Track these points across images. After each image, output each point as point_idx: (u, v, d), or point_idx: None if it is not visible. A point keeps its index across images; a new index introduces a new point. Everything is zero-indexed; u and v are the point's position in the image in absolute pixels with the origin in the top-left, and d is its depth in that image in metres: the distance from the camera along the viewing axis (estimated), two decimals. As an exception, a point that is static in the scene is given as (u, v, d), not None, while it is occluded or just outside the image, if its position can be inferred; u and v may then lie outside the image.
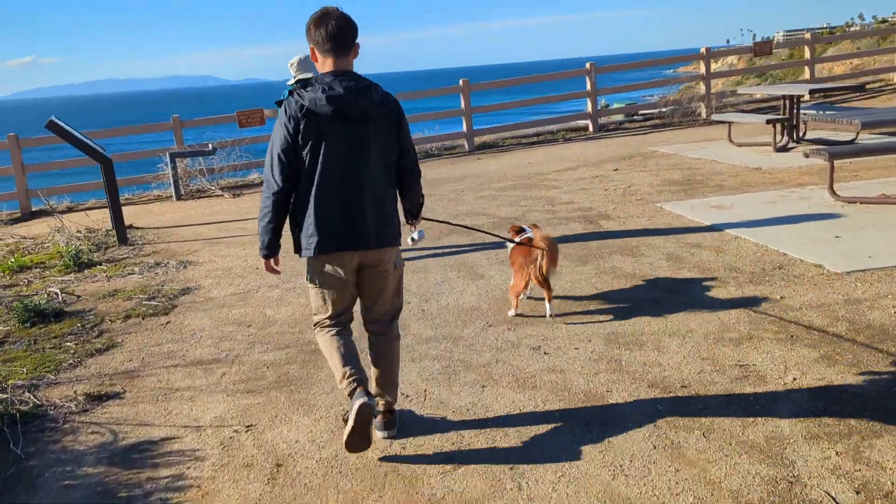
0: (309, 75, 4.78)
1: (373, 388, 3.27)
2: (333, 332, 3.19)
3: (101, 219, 9.41)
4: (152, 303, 5.81)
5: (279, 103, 3.14)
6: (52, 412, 3.93)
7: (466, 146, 14.54)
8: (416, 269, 6.11)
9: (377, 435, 3.33)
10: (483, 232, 5.29)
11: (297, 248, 3.09)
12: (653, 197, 8.15)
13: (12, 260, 7.56)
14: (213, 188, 12.56)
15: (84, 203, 12.59)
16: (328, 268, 3.06)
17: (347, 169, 2.98)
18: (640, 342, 4.25)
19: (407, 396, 3.79)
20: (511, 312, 4.84)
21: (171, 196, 12.44)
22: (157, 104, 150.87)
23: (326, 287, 3.12)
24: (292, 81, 4.89)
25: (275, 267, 3.20)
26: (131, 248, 8.05)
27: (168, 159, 12.31)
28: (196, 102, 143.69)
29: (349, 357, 3.14)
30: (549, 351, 4.24)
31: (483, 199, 9.05)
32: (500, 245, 6.02)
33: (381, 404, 3.31)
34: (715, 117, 12.24)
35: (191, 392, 4.08)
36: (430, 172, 12.07)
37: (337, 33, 2.93)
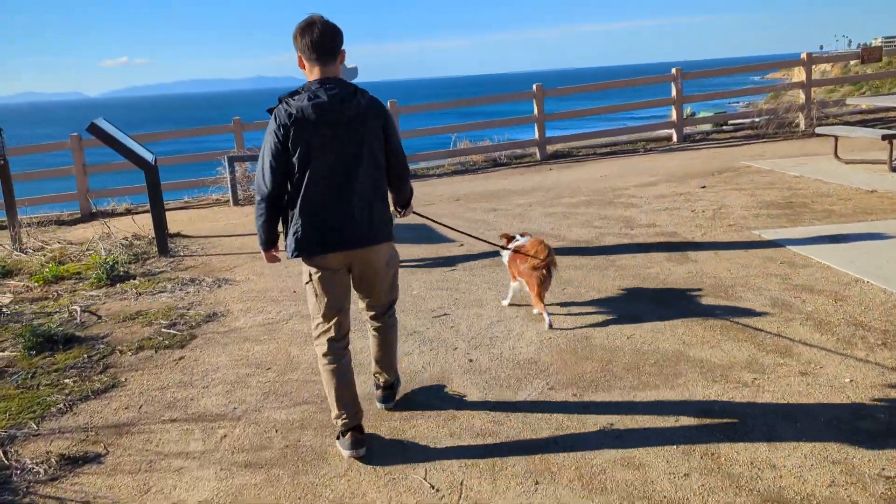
0: (351, 79, 4.79)
1: (373, 366, 3.66)
2: (333, 366, 3.22)
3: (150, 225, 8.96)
4: (171, 331, 5.18)
5: (270, 111, 3.09)
6: (15, 478, 3.29)
7: (538, 155, 13.64)
8: (470, 303, 5.30)
9: (377, 406, 3.69)
10: (473, 237, 5.38)
11: (288, 249, 3.15)
12: (748, 222, 7.07)
13: (48, 269, 7.14)
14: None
15: (143, 206, 12.30)
16: (319, 268, 3.15)
17: (335, 173, 3.05)
18: (744, 428, 3.29)
19: (437, 491, 2.97)
20: (535, 310, 4.87)
21: (228, 200, 12.02)
22: (239, 104, 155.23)
23: (319, 287, 3.18)
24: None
25: (275, 255, 3.30)
26: (171, 259, 7.52)
27: (226, 163, 11.89)
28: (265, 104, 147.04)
29: (345, 397, 3.24)
30: (624, 434, 3.33)
31: (552, 217, 8.15)
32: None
33: (381, 380, 3.64)
34: (819, 130, 10.91)
35: (180, 461, 3.37)
36: (495, 183, 11.23)
37: (321, 42, 3.01)
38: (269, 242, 3.22)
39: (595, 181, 10.51)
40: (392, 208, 3.43)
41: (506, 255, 5.11)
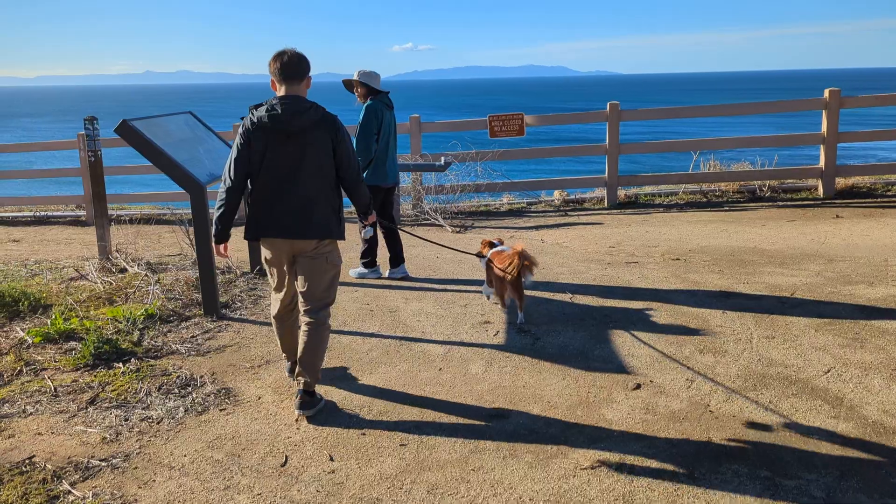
0: (374, 85, 5.87)
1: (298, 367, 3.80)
2: (276, 308, 3.93)
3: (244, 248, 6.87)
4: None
5: (242, 118, 3.72)
6: None
7: (820, 190, 9.45)
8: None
9: (294, 412, 3.75)
10: (453, 249, 6.10)
11: (246, 231, 3.76)
12: None
13: (51, 322, 5.21)
14: (433, 215, 9.51)
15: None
16: (268, 249, 3.77)
17: (283, 172, 3.61)
18: None
19: None
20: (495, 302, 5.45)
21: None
22: (505, 92, 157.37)
23: (269, 266, 3.85)
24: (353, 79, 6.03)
25: (223, 252, 3.88)
26: (212, 327, 5.21)
27: (390, 172, 9.55)
28: (535, 94, 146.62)
29: (290, 341, 4.01)
30: None
31: (836, 338, 4.48)
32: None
33: (301, 383, 3.75)
34: None
35: None
36: (746, 233, 7.48)
37: (287, 67, 3.61)
38: (222, 235, 3.78)
39: (919, 254, 6.37)
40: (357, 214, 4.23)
41: (483, 261, 5.44)
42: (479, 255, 5.50)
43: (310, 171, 3.61)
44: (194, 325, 5.22)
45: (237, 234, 3.97)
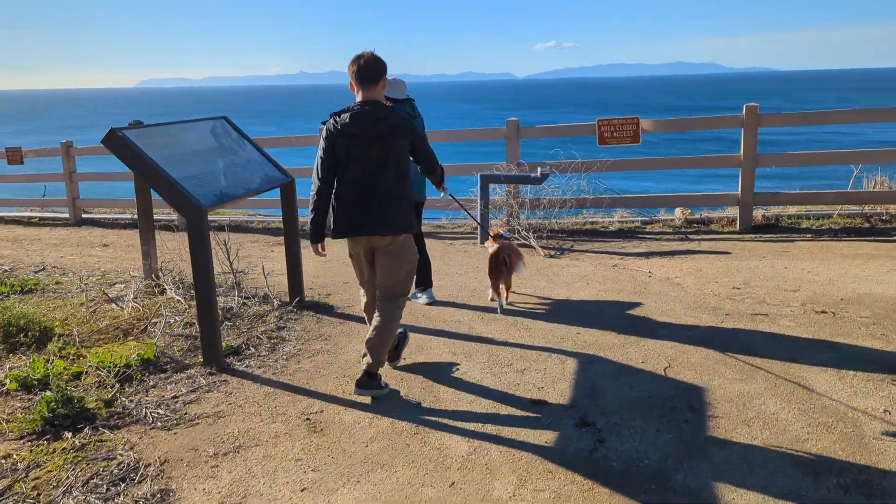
0: (393, 95, 5.20)
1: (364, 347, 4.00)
2: (366, 300, 4.25)
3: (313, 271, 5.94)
4: None
5: (324, 123, 3.91)
6: None
7: None
8: None
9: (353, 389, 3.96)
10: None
11: (332, 231, 3.97)
12: None
13: (32, 365, 4.50)
14: (524, 235, 8.21)
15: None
16: (351, 246, 4.03)
17: (365, 174, 3.81)
18: None
19: None
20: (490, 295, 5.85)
21: (475, 234, 8.52)
22: (650, 90, 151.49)
23: (353, 261, 4.14)
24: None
25: (321, 251, 4.09)
26: (208, 381, 4.28)
27: (479, 183, 8.38)
28: (681, 92, 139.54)
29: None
30: None
31: None
32: None
33: (364, 363, 3.95)
34: None
35: None
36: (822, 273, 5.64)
37: (364, 71, 3.77)
38: (317, 237, 4.02)
39: None
40: (435, 188, 4.42)
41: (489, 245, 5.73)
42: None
43: (390, 172, 3.84)
44: (187, 378, 4.31)
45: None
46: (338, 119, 3.80)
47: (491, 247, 5.57)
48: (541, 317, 5.39)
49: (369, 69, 3.79)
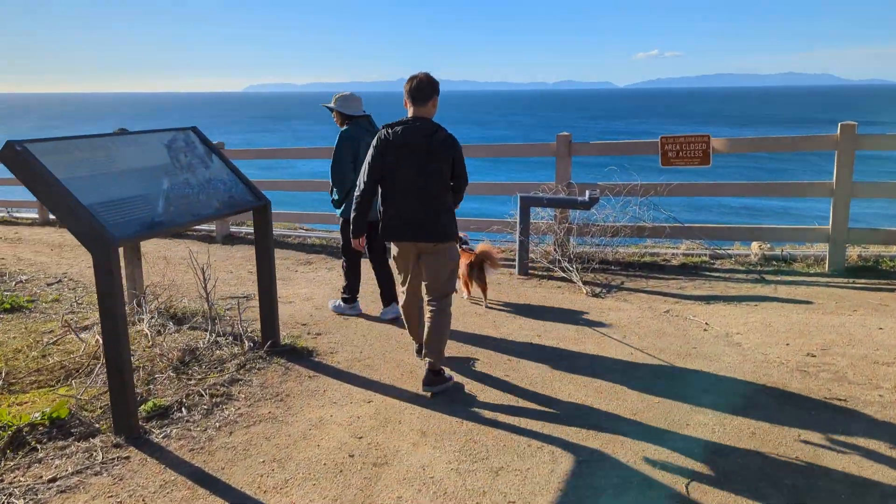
0: (348, 111, 5.49)
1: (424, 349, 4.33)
2: (404, 299, 4.53)
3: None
4: None
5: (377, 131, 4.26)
6: None
7: None
8: None
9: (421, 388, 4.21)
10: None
11: (381, 233, 4.26)
12: None
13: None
14: (566, 266, 7.12)
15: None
16: (397, 250, 4.34)
17: (411, 184, 4.12)
18: None
19: None
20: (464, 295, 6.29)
21: (513, 263, 7.51)
22: (757, 101, 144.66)
23: (397, 263, 4.41)
24: (328, 105, 5.62)
25: (360, 245, 4.47)
26: (99, 459, 3.50)
27: (519, 205, 7.36)
28: (791, 104, 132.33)
29: (416, 326, 4.60)
30: None
31: None
32: None
33: (427, 363, 4.25)
34: None
35: None
36: None
37: (416, 91, 4.14)
38: (358, 233, 4.38)
39: None
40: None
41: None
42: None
43: (435, 183, 4.13)
44: (84, 450, 3.51)
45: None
46: (390, 131, 4.14)
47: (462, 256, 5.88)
48: (550, 381, 4.35)
49: (421, 89, 4.15)
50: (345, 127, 5.49)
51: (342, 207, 5.50)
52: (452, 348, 4.97)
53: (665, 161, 7.34)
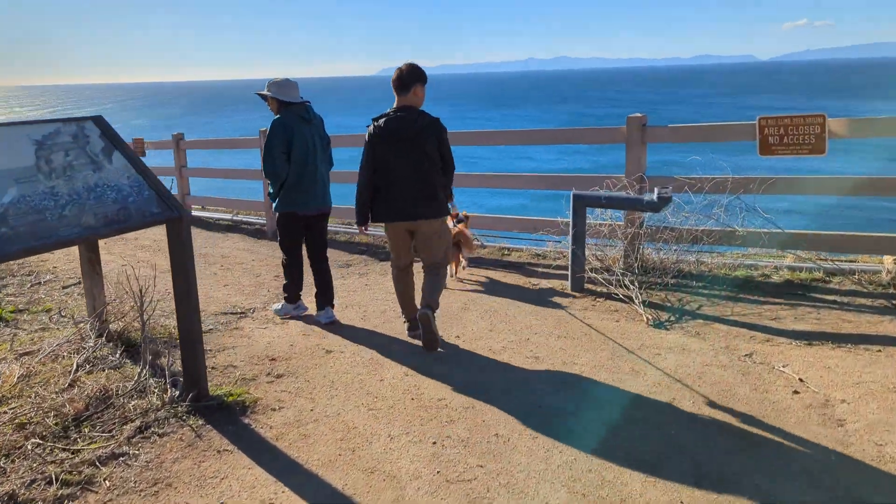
0: (284, 98, 5.14)
1: (421, 297, 4.72)
2: (395, 272, 4.87)
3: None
4: None
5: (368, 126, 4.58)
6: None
7: None
8: None
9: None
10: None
11: (374, 217, 4.67)
12: None
13: None
14: (628, 283, 5.65)
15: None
16: (390, 230, 4.70)
17: (400, 169, 4.46)
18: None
19: None
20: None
21: (565, 275, 6.13)
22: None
23: (390, 242, 4.78)
24: (261, 92, 5.26)
25: (366, 231, 4.85)
26: None
27: (571, 204, 5.94)
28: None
29: (405, 299, 4.92)
30: None
31: None
32: None
33: (425, 306, 4.56)
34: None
35: None
36: None
37: (397, 81, 4.50)
38: (361, 221, 4.70)
39: None
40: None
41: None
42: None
43: (422, 167, 4.47)
44: None
45: None
46: (376, 124, 4.49)
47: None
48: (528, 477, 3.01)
49: (402, 79, 4.47)
50: (278, 115, 5.14)
51: (276, 201, 5.18)
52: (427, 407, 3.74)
53: (765, 149, 5.66)
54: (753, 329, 4.78)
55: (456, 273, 6.50)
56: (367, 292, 6.24)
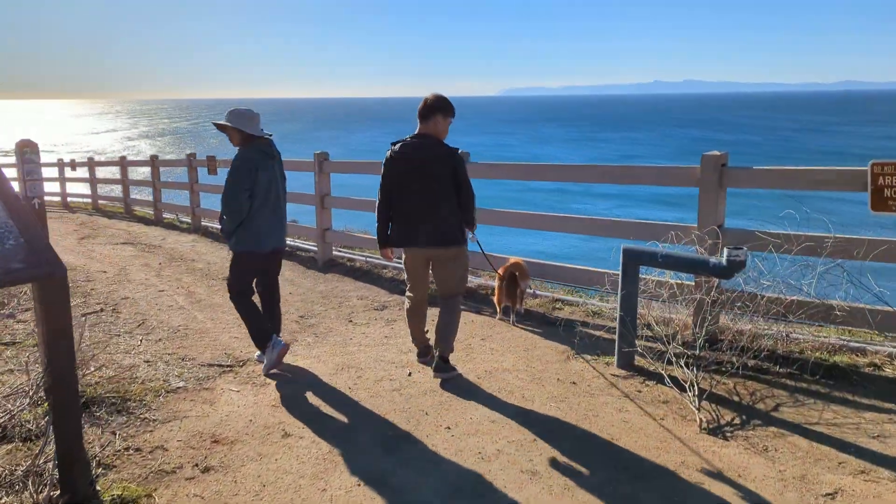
0: (249, 130, 4.83)
1: (434, 338, 4.76)
2: (408, 305, 4.83)
3: None
4: None
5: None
6: None
7: None
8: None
9: (431, 373, 4.68)
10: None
11: (394, 241, 4.67)
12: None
13: None
14: (688, 373, 4.45)
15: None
16: (406, 256, 4.69)
17: (415, 196, 4.50)
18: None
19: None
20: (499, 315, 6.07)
21: (612, 346, 5.00)
22: None
23: (406, 269, 4.74)
24: (220, 122, 4.93)
25: (390, 255, 4.83)
26: None
27: (621, 260, 4.81)
28: None
29: (416, 332, 4.88)
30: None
31: None
32: None
33: (438, 351, 4.68)
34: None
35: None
36: None
37: (422, 110, 4.56)
38: (384, 244, 4.71)
39: None
40: (467, 227, 4.71)
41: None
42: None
43: (440, 194, 4.48)
44: None
45: None
46: (394, 149, 4.58)
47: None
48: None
49: (426, 108, 4.56)
50: (241, 149, 4.85)
51: (232, 239, 4.85)
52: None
53: (878, 203, 4.33)
54: (845, 450, 3.51)
55: (514, 310, 5.97)
56: (377, 349, 5.37)
